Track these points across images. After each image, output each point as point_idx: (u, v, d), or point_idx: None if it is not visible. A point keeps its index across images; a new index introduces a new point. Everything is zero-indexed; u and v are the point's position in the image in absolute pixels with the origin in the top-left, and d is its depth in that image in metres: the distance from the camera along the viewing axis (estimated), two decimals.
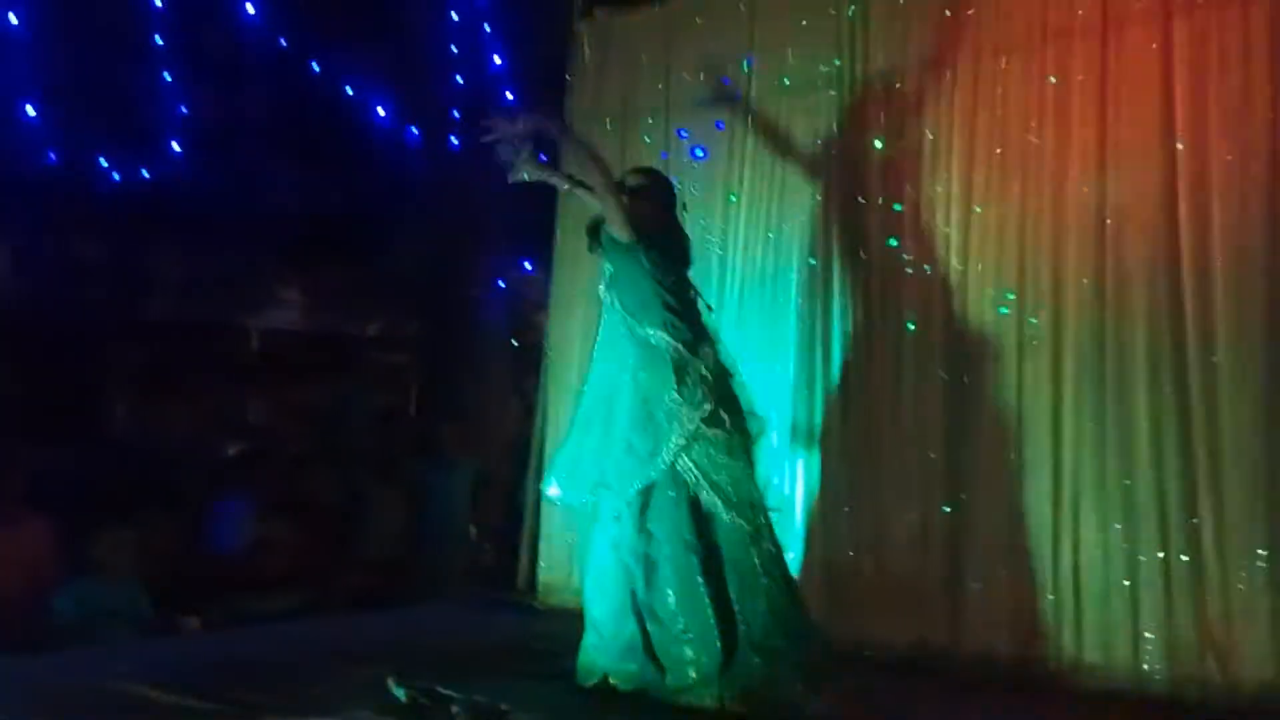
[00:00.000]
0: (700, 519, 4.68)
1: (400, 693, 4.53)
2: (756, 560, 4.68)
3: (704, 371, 4.72)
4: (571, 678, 4.80)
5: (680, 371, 4.69)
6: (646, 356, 4.76)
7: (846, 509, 5.71)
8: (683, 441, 4.66)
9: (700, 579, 4.62)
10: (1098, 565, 5.07)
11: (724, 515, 4.67)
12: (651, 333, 4.76)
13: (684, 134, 6.49)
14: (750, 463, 4.81)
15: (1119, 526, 5.03)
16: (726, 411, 4.73)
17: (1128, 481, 5.03)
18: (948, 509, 5.44)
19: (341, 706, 4.43)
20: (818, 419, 5.82)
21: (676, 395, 4.67)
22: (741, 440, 4.77)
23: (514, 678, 4.85)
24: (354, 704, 4.45)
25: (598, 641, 4.78)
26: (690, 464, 4.68)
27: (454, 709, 4.38)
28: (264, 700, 4.47)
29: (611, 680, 4.71)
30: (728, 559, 4.68)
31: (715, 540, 4.68)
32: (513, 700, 4.44)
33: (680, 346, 4.72)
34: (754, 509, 4.74)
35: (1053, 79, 5.35)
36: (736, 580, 4.66)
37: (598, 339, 5.10)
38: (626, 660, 4.70)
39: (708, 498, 4.68)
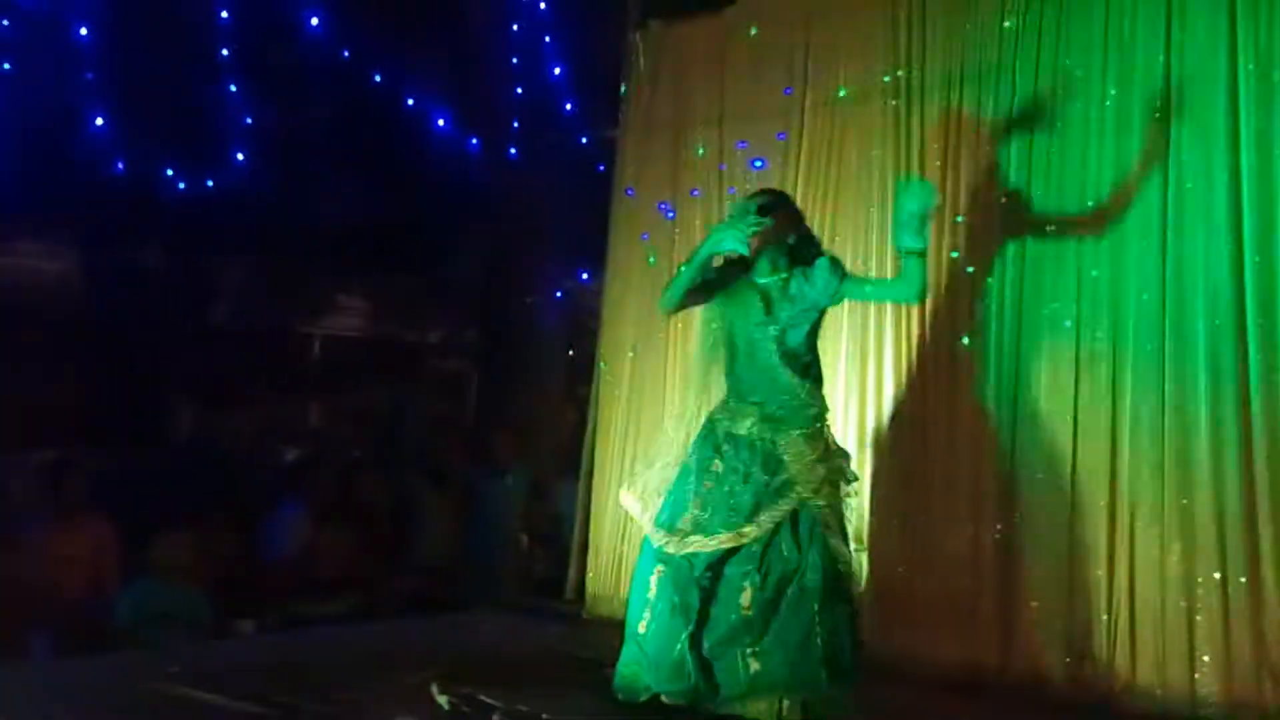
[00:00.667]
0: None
1: (443, 700, 4.54)
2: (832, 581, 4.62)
3: None
4: (608, 686, 4.75)
5: None
6: None
7: (896, 524, 5.65)
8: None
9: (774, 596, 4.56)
10: (1154, 586, 4.98)
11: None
12: None
13: (743, 145, 6.46)
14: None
15: (1176, 546, 4.94)
16: None
17: (1185, 501, 4.94)
18: (1000, 527, 5.37)
19: (384, 712, 4.44)
20: (869, 435, 5.77)
21: None
22: None
23: (557, 687, 4.83)
24: (397, 709, 4.46)
25: (639, 656, 4.70)
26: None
27: (495, 717, 4.38)
28: (306, 704, 4.49)
29: (664, 699, 4.61)
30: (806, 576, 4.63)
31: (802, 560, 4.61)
32: (554, 710, 4.45)
33: None
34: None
35: (1113, 90, 5.28)
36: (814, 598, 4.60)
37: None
38: (676, 679, 4.58)
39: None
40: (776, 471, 4.60)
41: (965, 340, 5.57)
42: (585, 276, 9.83)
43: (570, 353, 10.00)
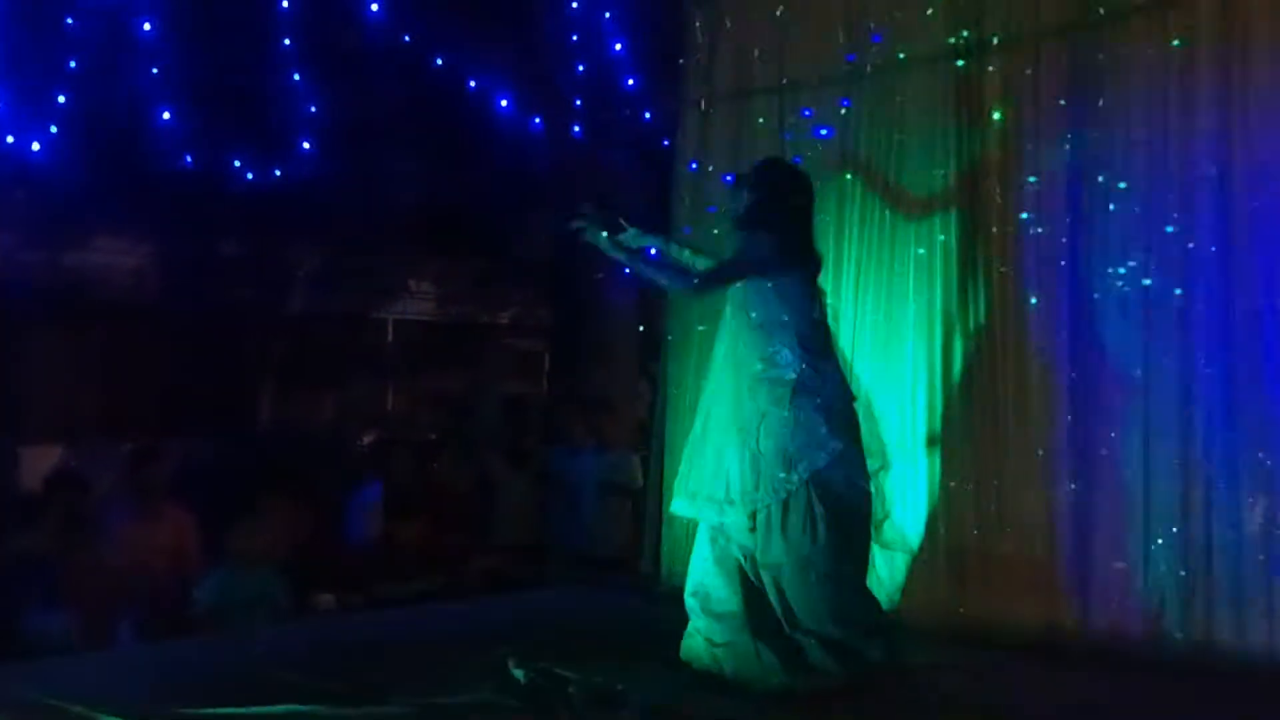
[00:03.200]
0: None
1: (519, 674, 4.60)
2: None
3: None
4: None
5: None
6: None
7: (971, 488, 5.62)
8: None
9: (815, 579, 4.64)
10: (1230, 540, 4.93)
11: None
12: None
13: (808, 113, 6.42)
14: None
15: (1252, 499, 4.87)
16: None
17: (1261, 453, 4.88)
18: (1074, 486, 5.34)
19: (463, 687, 4.51)
20: (939, 399, 5.75)
21: None
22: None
23: (631, 659, 4.89)
24: (475, 685, 4.53)
25: (705, 627, 4.79)
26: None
27: (570, 689, 4.44)
28: (388, 680, 4.57)
29: (725, 669, 4.70)
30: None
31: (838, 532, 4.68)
32: (629, 681, 4.50)
33: None
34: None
35: (1176, 41, 5.20)
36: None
37: None
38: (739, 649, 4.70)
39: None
40: None
41: (1034, 300, 5.52)
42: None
43: (641, 329, 10.00)
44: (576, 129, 9.49)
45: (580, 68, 9.23)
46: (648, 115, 8.80)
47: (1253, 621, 4.85)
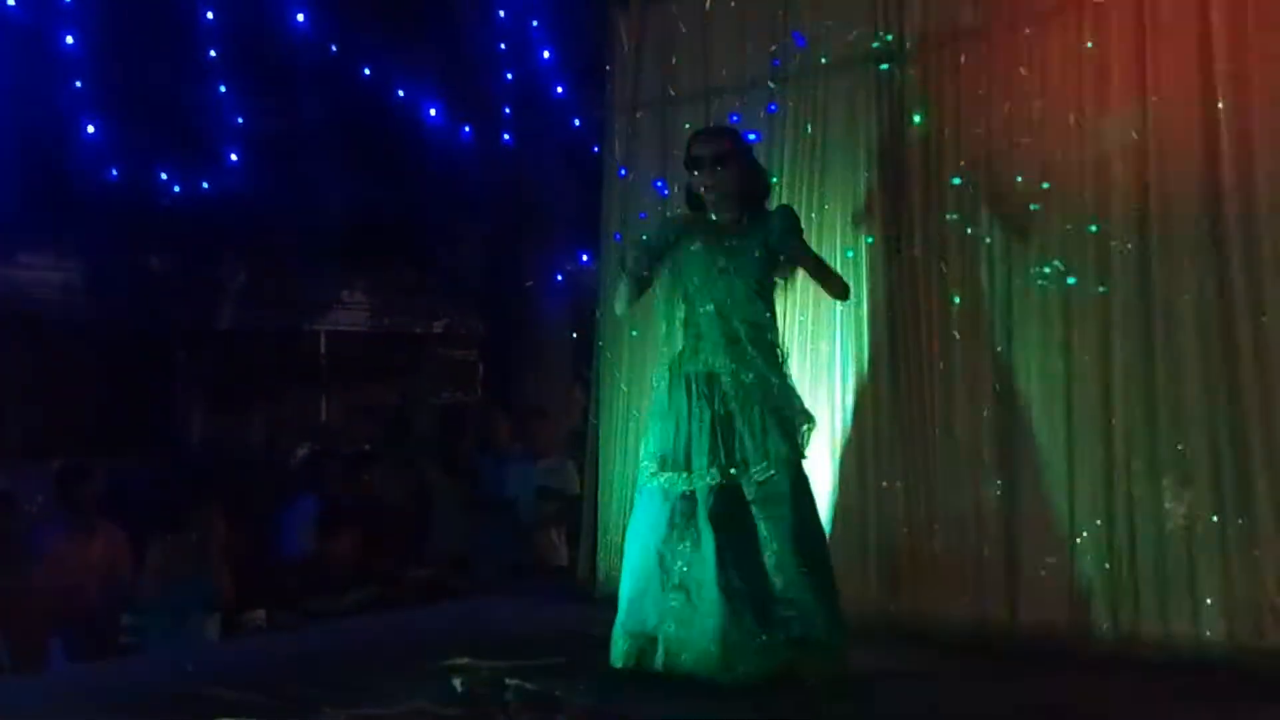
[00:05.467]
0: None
1: (456, 682, 4.60)
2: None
3: None
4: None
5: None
6: None
7: (900, 486, 5.68)
8: None
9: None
10: (1152, 533, 5.01)
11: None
12: None
13: (735, 119, 6.46)
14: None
15: (1173, 493, 4.97)
16: None
17: (1180, 446, 4.97)
18: (1000, 482, 5.40)
19: (398, 698, 4.48)
20: (865, 398, 5.80)
21: None
22: None
23: (568, 664, 4.89)
24: (411, 695, 4.50)
25: (627, 621, 4.85)
26: None
27: (507, 696, 4.44)
28: (321, 694, 4.54)
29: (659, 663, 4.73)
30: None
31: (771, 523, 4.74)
32: (565, 686, 4.51)
33: None
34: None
35: (1090, 44, 5.29)
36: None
37: None
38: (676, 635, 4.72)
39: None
40: None
41: (957, 299, 5.59)
42: (585, 259, 9.86)
43: (574, 335, 10.03)
44: (506, 137, 9.52)
45: (509, 76, 9.26)
46: (576, 122, 8.85)
47: (1176, 611, 4.93)
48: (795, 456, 4.80)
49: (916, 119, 5.75)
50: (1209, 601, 4.87)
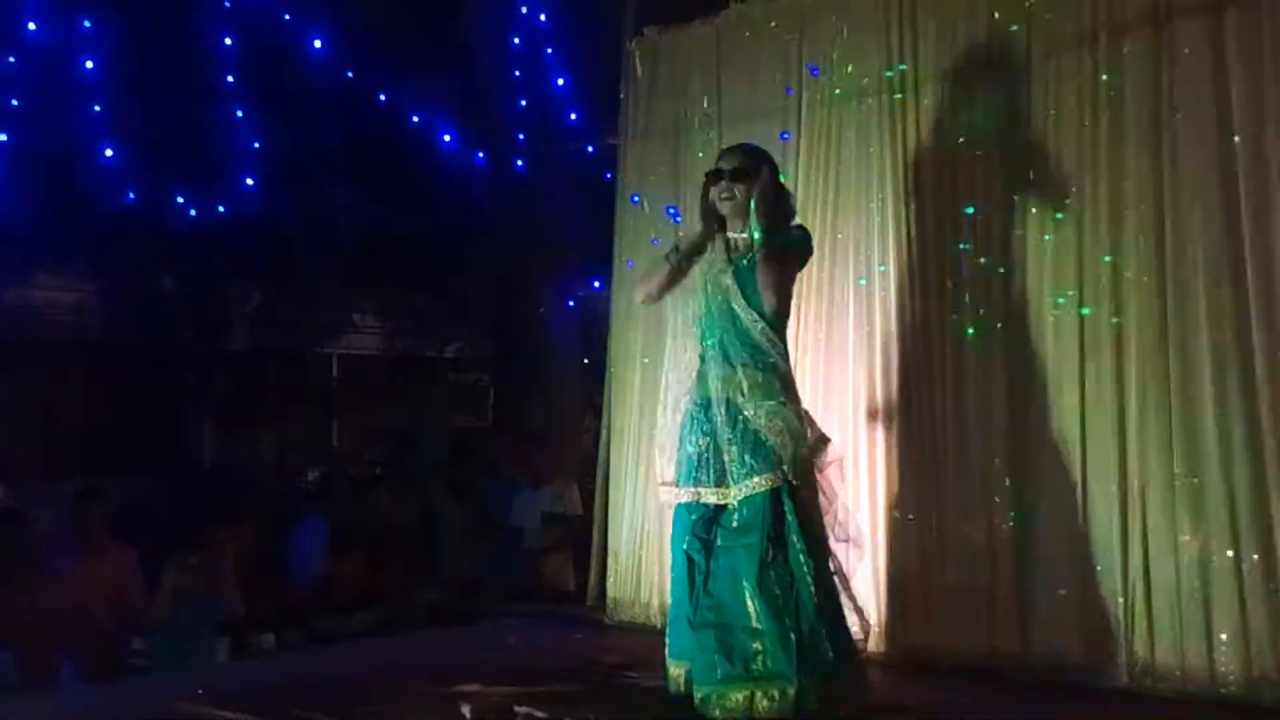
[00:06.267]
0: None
1: (465, 709, 4.58)
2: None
3: None
4: (634, 691, 4.82)
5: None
6: None
7: (911, 517, 5.67)
8: None
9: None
10: (1168, 568, 4.98)
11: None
12: None
13: None
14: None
15: (1188, 527, 4.94)
16: None
17: (1195, 480, 4.94)
18: (1014, 514, 5.37)
19: None
20: (879, 428, 5.79)
21: None
22: None
23: (580, 692, 4.87)
24: None
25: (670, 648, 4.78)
26: None
27: None
28: (328, 718, 4.54)
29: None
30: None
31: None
32: (577, 715, 4.48)
33: None
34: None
35: (1105, 76, 5.30)
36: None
37: None
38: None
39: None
40: None
41: (971, 330, 5.58)
42: (597, 285, 9.88)
43: (585, 361, 10.04)
44: (519, 163, 9.56)
45: (522, 103, 9.30)
46: (590, 149, 8.87)
47: (1191, 645, 4.89)
48: (777, 484, 4.64)
49: (931, 148, 5.75)
50: (1224, 636, 4.83)
